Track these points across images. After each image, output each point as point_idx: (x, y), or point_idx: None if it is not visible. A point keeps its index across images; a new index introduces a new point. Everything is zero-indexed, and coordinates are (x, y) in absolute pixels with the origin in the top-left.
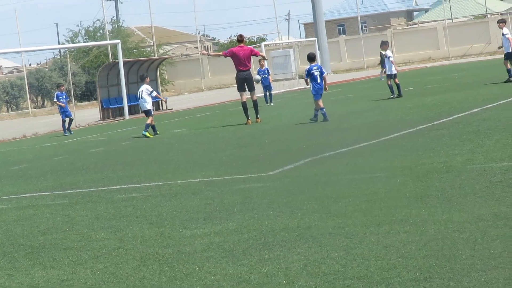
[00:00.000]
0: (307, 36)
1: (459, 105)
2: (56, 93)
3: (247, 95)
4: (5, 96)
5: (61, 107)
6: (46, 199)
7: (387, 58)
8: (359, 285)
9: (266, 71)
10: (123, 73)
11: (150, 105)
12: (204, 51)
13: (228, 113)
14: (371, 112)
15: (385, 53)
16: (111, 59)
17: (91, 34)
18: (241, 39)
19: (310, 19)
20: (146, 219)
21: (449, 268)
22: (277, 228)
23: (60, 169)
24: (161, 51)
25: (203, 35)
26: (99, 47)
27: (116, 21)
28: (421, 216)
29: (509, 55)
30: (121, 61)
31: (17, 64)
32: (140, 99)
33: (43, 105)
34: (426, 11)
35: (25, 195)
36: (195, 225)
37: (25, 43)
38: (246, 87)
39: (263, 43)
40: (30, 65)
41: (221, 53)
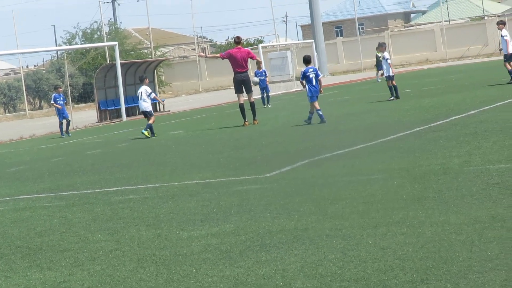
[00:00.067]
0: (304, 38)
1: (456, 107)
2: (53, 95)
3: (244, 97)
4: (2, 97)
5: (58, 109)
6: (43, 201)
7: (385, 60)
8: (356, 287)
9: (263, 73)
10: (120, 75)
11: (150, 106)
12: (201, 54)
13: (225, 115)
14: (368, 114)
15: (383, 55)
16: (108, 61)
17: (88, 36)
18: (238, 41)
19: (307, 21)
20: (143, 221)
21: (446, 270)
22: (274, 230)
23: (57, 171)
24: (158, 53)
25: (201, 37)
26: (96, 48)
27: (113, 23)
28: (418, 218)
29: (508, 57)
30: (118, 63)
31: (14, 65)
32: (139, 100)
33: (40, 107)
34: (423, 13)
35: (22, 197)
36: (192, 226)
37: (22, 45)
38: (243, 89)
39: (261, 45)
40: (27, 66)
41: (219, 55)
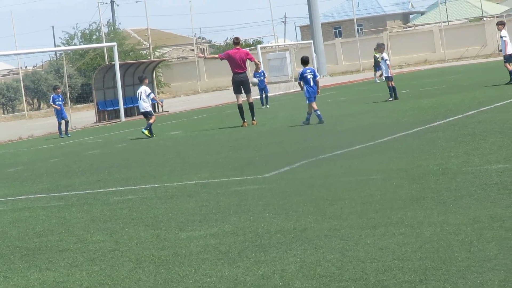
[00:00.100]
0: (303, 38)
1: (455, 107)
2: (52, 96)
3: (243, 98)
4: (1, 98)
5: (57, 109)
6: (41, 201)
7: (383, 60)
8: (354, 287)
9: (262, 74)
10: (119, 76)
11: (149, 106)
12: (200, 54)
13: (224, 115)
14: (366, 114)
15: (382, 55)
16: (107, 62)
17: (87, 36)
18: (237, 41)
19: (306, 22)
20: (141, 221)
21: (445, 270)
22: (273, 230)
23: (55, 171)
24: (157, 54)
25: (199, 38)
26: (95, 49)
27: (112, 24)
28: (416, 218)
29: (507, 57)
30: (117, 63)
31: (13, 66)
32: (139, 100)
33: (39, 108)
34: (422, 13)
35: (20, 197)
36: (191, 227)
37: (21, 46)
38: (242, 89)
39: (259, 46)
40: (26, 67)
41: (217, 56)
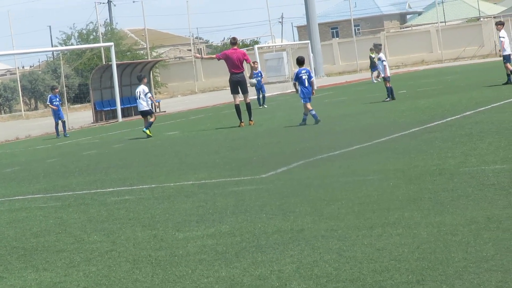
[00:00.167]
0: (300, 38)
1: (452, 108)
2: (49, 96)
3: (240, 98)
4: None
5: (54, 110)
6: (38, 202)
7: (380, 61)
8: (351, 287)
9: (259, 74)
10: (116, 76)
11: (148, 105)
12: (197, 55)
13: (221, 115)
14: (364, 115)
15: (379, 56)
16: (104, 62)
17: (84, 36)
18: (234, 41)
19: (303, 22)
20: (139, 221)
21: (442, 271)
22: (270, 230)
23: (53, 172)
24: (154, 54)
25: (197, 38)
26: (92, 49)
27: (109, 24)
28: (413, 218)
29: (506, 58)
30: (114, 63)
31: (10, 66)
32: (137, 100)
33: (36, 108)
34: (419, 14)
35: (17, 198)
36: (188, 227)
37: (18, 46)
38: (239, 89)
39: (257, 46)
40: (23, 67)
41: (215, 56)
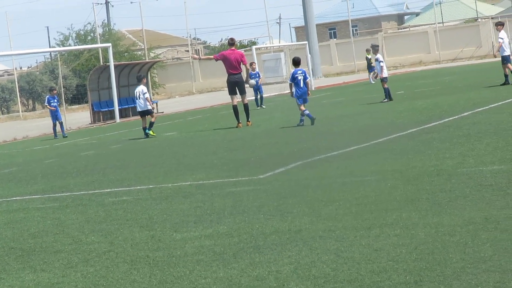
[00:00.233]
0: (298, 39)
1: (449, 108)
2: (47, 97)
3: (238, 99)
4: None
5: (52, 110)
6: (36, 202)
7: (378, 62)
8: None
9: (257, 75)
10: (114, 77)
11: (148, 105)
12: (195, 56)
13: (219, 116)
14: (361, 115)
15: (376, 56)
16: (102, 63)
17: (82, 37)
18: (232, 42)
19: (301, 23)
20: (136, 222)
21: (440, 271)
22: (268, 231)
23: (50, 172)
24: (152, 55)
25: (194, 39)
26: (90, 50)
27: (107, 25)
28: (411, 219)
29: (506, 59)
30: (112, 64)
31: (8, 67)
32: (137, 100)
33: (33, 108)
34: (417, 14)
35: (15, 198)
36: (186, 228)
37: (16, 46)
38: (237, 90)
39: (254, 47)
40: (21, 68)
41: (212, 56)
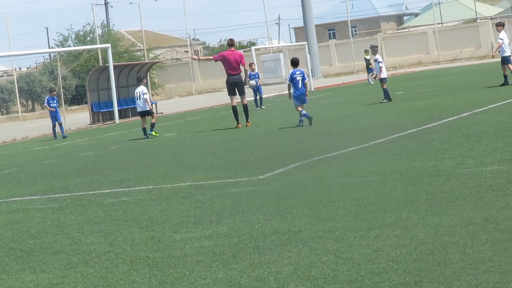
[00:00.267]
0: (297, 40)
1: (449, 109)
2: (46, 98)
3: (237, 99)
4: None
5: (52, 111)
6: (36, 203)
7: (377, 62)
8: None
9: (256, 75)
10: (113, 77)
11: (148, 106)
12: (194, 56)
13: (218, 117)
14: (361, 116)
15: (375, 57)
16: (101, 63)
17: (81, 38)
18: (231, 43)
19: (300, 23)
20: (136, 223)
21: (440, 272)
22: (267, 232)
23: (50, 173)
24: (151, 55)
25: (193, 39)
26: (89, 51)
27: (106, 25)
28: (411, 220)
29: (507, 59)
30: (111, 65)
31: (7, 68)
32: (137, 100)
33: (33, 109)
34: (416, 15)
35: (15, 199)
36: (186, 229)
37: (15, 47)
38: (236, 91)
39: (254, 47)
40: (20, 69)
41: (212, 57)
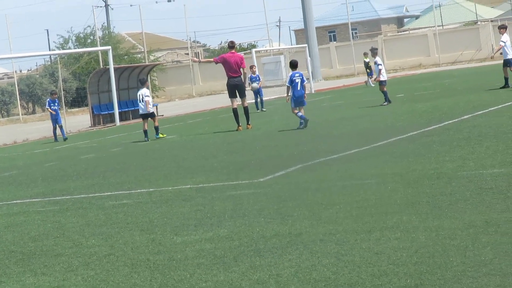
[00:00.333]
0: (298, 42)
1: (449, 111)
2: (47, 100)
3: (238, 102)
4: None
5: (52, 114)
6: (37, 206)
7: (376, 65)
8: None
9: (257, 78)
10: (113, 80)
11: (151, 108)
12: (195, 59)
13: (219, 119)
14: (361, 118)
15: (375, 59)
16: (102, 66)
17: (81, 40)
18: (232, 45)
19: (301, 26)
20: (137, 225)
21: (440, 275)
22: (268, 234)
23: (50, 176)
24: (152, 58)
25: (194, 42)
26: (89, 53)
27: (106, 27)
28: (412, 222)
29: (508, 62)
30: (111, 67)
31: (8, 70)
32: (140, 103)
33: (33, 111)
34: (416, 17)
35: (15, 202)
36: (186, 231)
37: (15, 49)
38: (237, 93)
39: (254, 50)
40: (20, 71)
41: (212, 59)
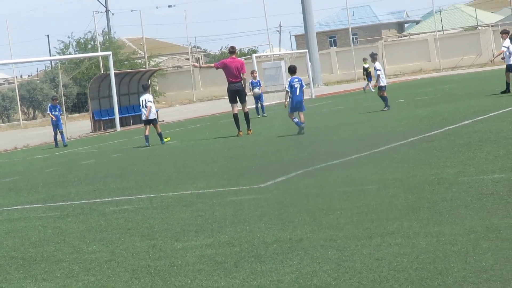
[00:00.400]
0: (298, 47)
1: (450, 117)
2: (48, 105)
3: (238, 107)
4: None
5: (53, 119)
6: (37, 211)
7: (376, 70)
8: None
9: (258, 83)
10: (114, 85)
11: (154, 114)
12: (195, 64)
13: (219, 125)
14: (362, 124)
15: (375, 65)
16: (102, 71)
17: (82, 45)
18: (232, 50)
19: (301, 31)
20: (137, 231)
21: (441, 281)
22: (269, 240)
23: (51, 181)
24: (152, 63)
25: (194, 47)
26: (90, 58)
27: (107, 33)
28: (412, 228)
29: (509, 67)
30: (112, 72)
31: (8, 75)
32: (142, 108)
33: (34, 117)
34: (417, 22)
35: (16, 207)
36: (187, 237)
37: (16, 55)
38: (237, 99)
39: (255, 55)
40: (21, 76)
41: (213, 65)
